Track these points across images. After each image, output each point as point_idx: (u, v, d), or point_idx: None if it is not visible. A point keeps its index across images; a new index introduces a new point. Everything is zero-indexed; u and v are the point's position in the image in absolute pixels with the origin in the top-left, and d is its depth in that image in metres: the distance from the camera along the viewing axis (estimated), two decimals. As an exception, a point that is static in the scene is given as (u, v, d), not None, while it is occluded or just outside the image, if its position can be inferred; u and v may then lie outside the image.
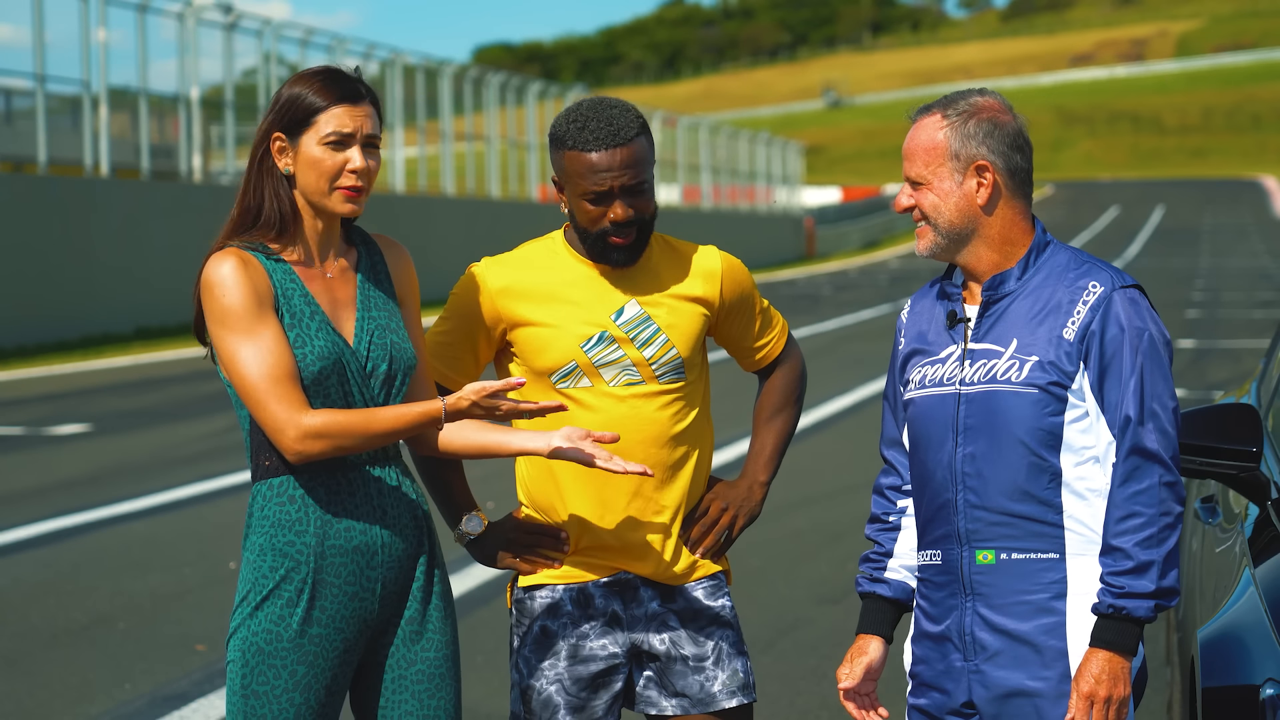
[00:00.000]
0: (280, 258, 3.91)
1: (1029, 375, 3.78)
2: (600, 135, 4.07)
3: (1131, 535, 3.72)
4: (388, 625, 3.97)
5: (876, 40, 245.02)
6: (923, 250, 3.90)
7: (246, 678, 3.87)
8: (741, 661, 4.24)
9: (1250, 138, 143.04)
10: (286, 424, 3.79)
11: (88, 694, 7.69)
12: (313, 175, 3.89)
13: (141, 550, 10.87)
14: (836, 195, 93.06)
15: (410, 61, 41.57)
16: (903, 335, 4.01)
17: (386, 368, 3.93)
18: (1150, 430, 3.74)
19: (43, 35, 29.19)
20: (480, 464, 4.13)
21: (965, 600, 3.85)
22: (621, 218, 4.09)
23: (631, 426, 4.15)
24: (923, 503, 3.92)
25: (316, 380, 3.85)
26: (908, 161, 3.88)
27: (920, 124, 3.88)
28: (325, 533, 3.88)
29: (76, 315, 28.08)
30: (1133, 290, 3.82)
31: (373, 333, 3.94)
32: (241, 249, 3.89)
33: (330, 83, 3.90)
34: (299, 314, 3.88)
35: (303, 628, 3.87)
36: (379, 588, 3.93)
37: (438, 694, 3.98)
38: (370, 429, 3.82)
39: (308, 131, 3.89)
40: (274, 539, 3.88)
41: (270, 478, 3.90)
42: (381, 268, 4.03)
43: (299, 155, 3.90)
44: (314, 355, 3.85)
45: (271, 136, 3.91)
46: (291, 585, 3.87)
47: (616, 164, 4.07)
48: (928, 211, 3.86)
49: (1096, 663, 3.73)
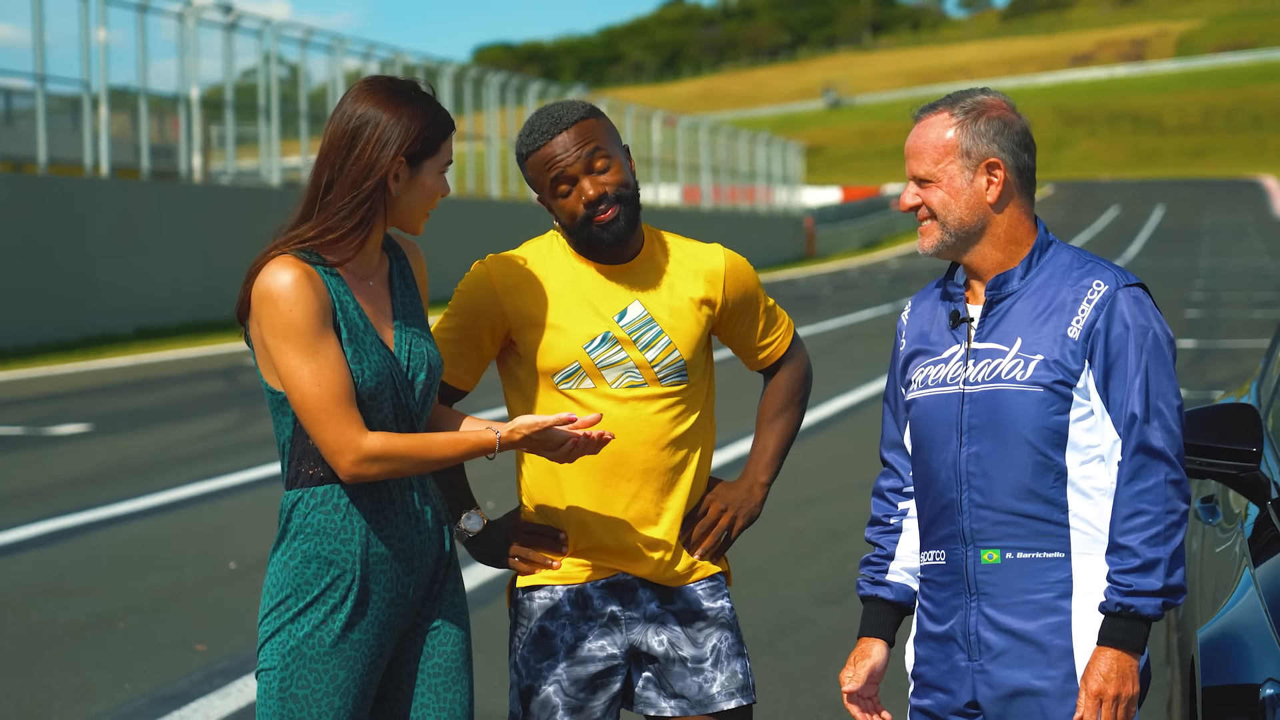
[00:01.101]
0: (335, 270, 3.89)
1: (1034, 374, 3.78)
2: (543, 127, 4.10)
3: (1138, 533, 3.72)
4: (415, 629, 3.99)
5: (876, 40, 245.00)
6: (927, 248, 3.88)
7: (285, 681, 3.87)
8: (740, 663, 4.23)
9: (1250, 138, 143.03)
10: (346, 447, 3.79)
11: (88, 694, 7.69)
12: (422, 200, 3.89)
13: (141, 550, 10.86)
14: (836, 195, 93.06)
15: (410, 61, 41.58)
16: (903, 336, 4.01)
17: (425, 376, 3.93)
18: (1156, 428, 3.75)
19: (43, 35, 29.19)
20: (480, 464, 4.10)
21: (970, 600, 3.85)
22: (592, 194, 4.08)
23: (632, 428, 4.15)
24: (926, 503, 3.92)
25: (373, 394, 3.85)
26: (914, 160, 3.86)
27: (927, 122, 3.87)
28: (370, 540, 3.89)
29: (76, 315, 28.07)
30: (1137, 289, 3.82)
31: (410, 341, 3.94)
32: (300, 258, 3.85)
33: (442, 111, 3.92)
34: (355, 328, 3.87)
35: (345, 633, 3.88)
36: (411, 592, 3.94)
37: (454, 687, 4.00)
38: (427, 455, 3.83)
39: (432, 159, 3.89)
40: (319, 546, 3.88)
41: (314, 486, 3.89)
42: (409, 273, 4.03)
43: (415, 180, 3.88)
44: (371, 371, 3.85)
45: (395, 160, 3.86)
46: (337, 592, 3.88)
47: (570, 145, 4.08)
48: (937, 209, 3.85)
49: (1105, 661, 3.73)
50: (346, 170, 3.86)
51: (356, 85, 3.94)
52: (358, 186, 3.86)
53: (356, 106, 3.89)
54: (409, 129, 3.86)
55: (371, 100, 3.88)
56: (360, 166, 3.86)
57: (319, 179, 3.88)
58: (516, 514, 4.29)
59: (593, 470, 4.16)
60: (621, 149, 4.16)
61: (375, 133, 3.86)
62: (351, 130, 3.87)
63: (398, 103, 3.88)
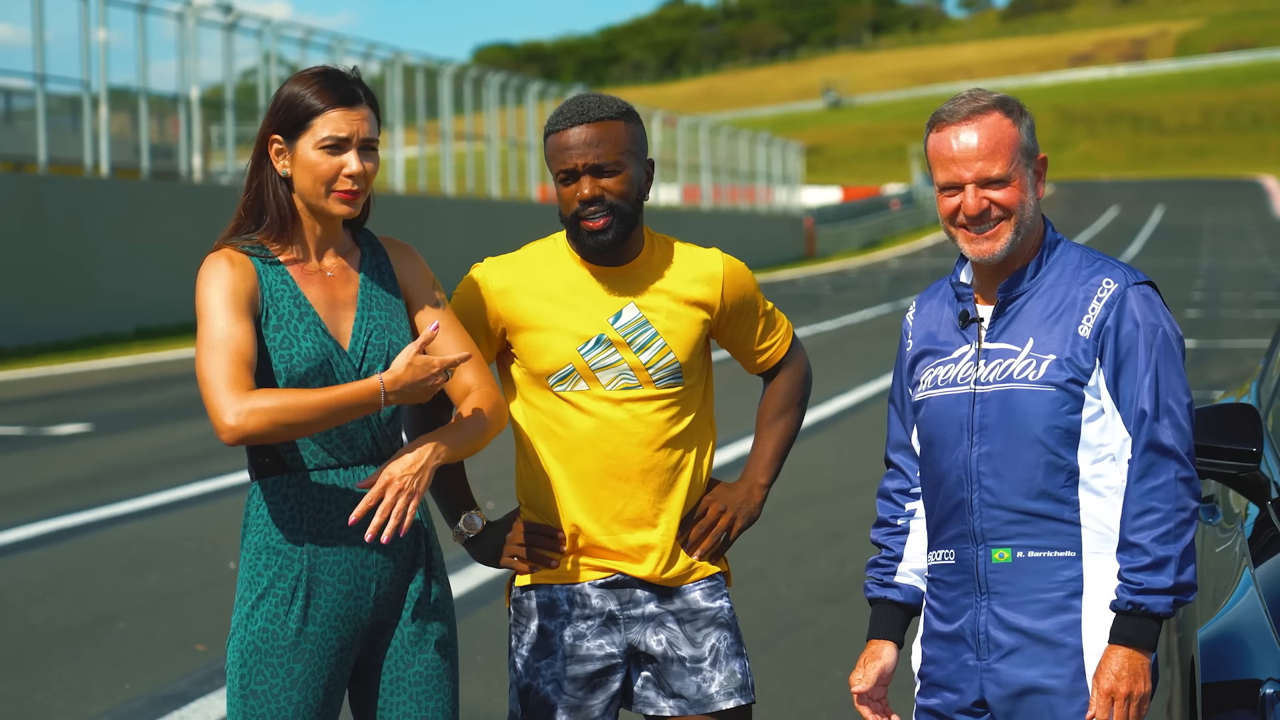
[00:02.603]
0: (277, 259, 3.91)
1: (1046, 374, 3.78)
2: (569, 114, 4.10)
3: (1149, 531, 3.72)
4: (385, 627, 3.96)
5: (876, 40, 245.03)
6: (998, 251, 3.81)
7: (245, 677, 3.88)
8: (739, 663, 4.23)
9: (1250, 138, 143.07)
10: (225, 405, 3.73)
11: (88, 694, 7.69)
12: (309, 179, 3.89)
13: (141, 550, 10.86)
14: (836, 195, 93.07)
15: (410, 61, 41.57)
16: (910, 337, 4.00)
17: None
18: (1166, 426, 3.75)
19: (43, 35, 29.19)
20: (480, 463, 4.11)
21: (980, 599, 3.84)
22: (587, 195, 4.07)
23: (627, 430, 4.15)
24: (935, 503, 3.91)
25: (302, 381, 3.85)
26: (986, 160, 3.80)
27: (983, 122, 3.82)
28: (319, 531, 3.88)
29: (76, 315, 28.08)
30: (1146, 287, 3.82)
31: (370, 333, 3.93)
32: (237, 249, 3.90)
33: (327, 85, 3.89)
34: (287, 316, 3.88)
35: (299, 626, 3.87)
36: (374, 587, 3.92)
37: (435, 696, 3.98)
38: (303, 401, 3.74)
39: (304, 135, 3.88)
40: (268, 537, 3.89)
41: (267, 476, 3.90)
42: (386, 268, 4.02)
43: (295, 158, 3.90)
44: (300, 357, 3.86)
45: (269, 139, 3.91)
46: (285, 584, 3.87)
47: (582, 141, 4.07)
48: (1015, 209, 3.82)
49: (1116, 659, 3.73)
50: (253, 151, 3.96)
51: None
52: (253, 167, 3.94)
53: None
54: (279, 109, 3.90)
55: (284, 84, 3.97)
56: (254, 146, 3.94)
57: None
58: (516, 514, 4.29)
59: (590, 471, 4.16)
60: (641, 161, 4.14)
61: (266, 112, 3.94)
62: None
63: (292, 82, 3.93)
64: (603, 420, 4.14)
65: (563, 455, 4.17)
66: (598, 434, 4.14)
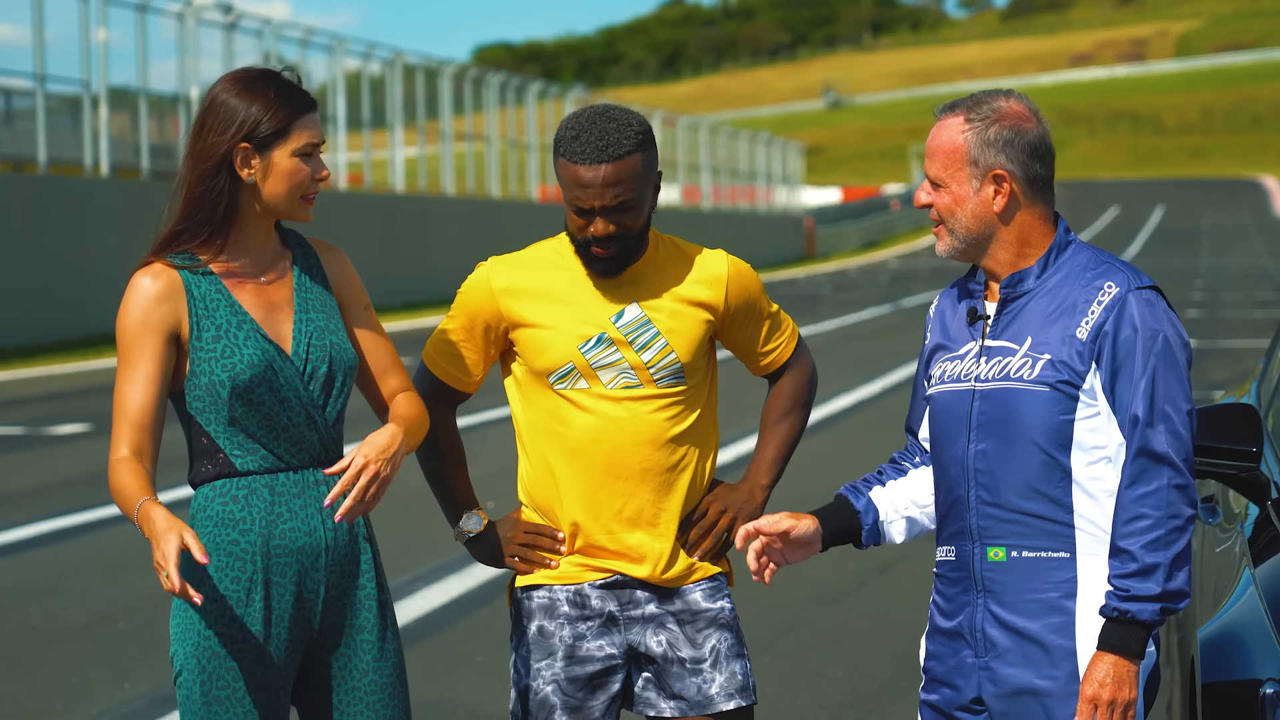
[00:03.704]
0: (209, 269, 3.91)
1: (1040, 373, 3.78)
2: (589, 150, 4.04)
3: (1138, 537, 3.71)
4: (331, 633, 3.96)
5: (876, 40, 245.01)
6: (941, 251, 3.89)
7: (206, 684, 3.85)
8: (740, 664, 4.23)
9: (1250, 138, 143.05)
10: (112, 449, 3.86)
11: (88, 694, 7.69)
12: (284, 186, 3.88)
13: (141, 550, 10.85)
14: (836, 195, 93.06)
15: (410, 61, 41.56)
16: (929, 330, 4.02)
17: (326, 369, 3.93)
18: (1161, 432, 3.73)
19: (43, 35, 29.19)
20: (481, 463, 4.11)
21: (977, 597, 3.85)
22: (600, 234, 4.07)
23: (628, 429, 4.15)
24: (939, 498, 3.93)
25: (247, 389, 3.86)
26: (929, 160, 3.87)
27: (943, 123, 3.86)
28: (270, 532, 3.88)
29: (76, 315, 28.07)
30: (1149, 291, 3.81)
31: (311, 335, 3.94)
32: (168, 262, 3.89)
33: (293, 92, 3.90)
34: (224, 325, 3.89)
35: (258, 629, 3.87)
36: (322, 590, 3.93)
37: (391, 703, 3.99)
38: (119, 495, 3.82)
39: (281, 143, 3.87)
40: (217, 538, 3.88)
41: (213, 480, 3.91)
42: (317, 270, 4.02)
43: (269, 166, 3.87)
44: (243, 364, 3.86)
45: (236, 147, 3.87)
46: (240, 585, 3.87)
47: (599, 181, 4.03)
48: (943, 214, 3.85)
49: (1102, 666, 3.72)
50: (194, 160, 3.88)
51: (221, 77, 3.95)
52: (201, 176, 3.88)
53: (209, 96, 3.91)
54: (248, 114, 3.85)
55: (220, 87, 3.91)
56: (202, 155, 3.87)
57: (179, 174, 3.93)
58: (516, 514, 4.29)
59: (590, 470, 4.16)
60: (653, 183, 4.12)
61: (216, 120, 3.88)
62: (199, 119, 3.91)
63: (240, 89, 3.88)
64: (603, 419, 4.14)
65: (563, 454, 4.17)
66: (598, 432, 4.14)
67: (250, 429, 3.89)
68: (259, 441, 3.89)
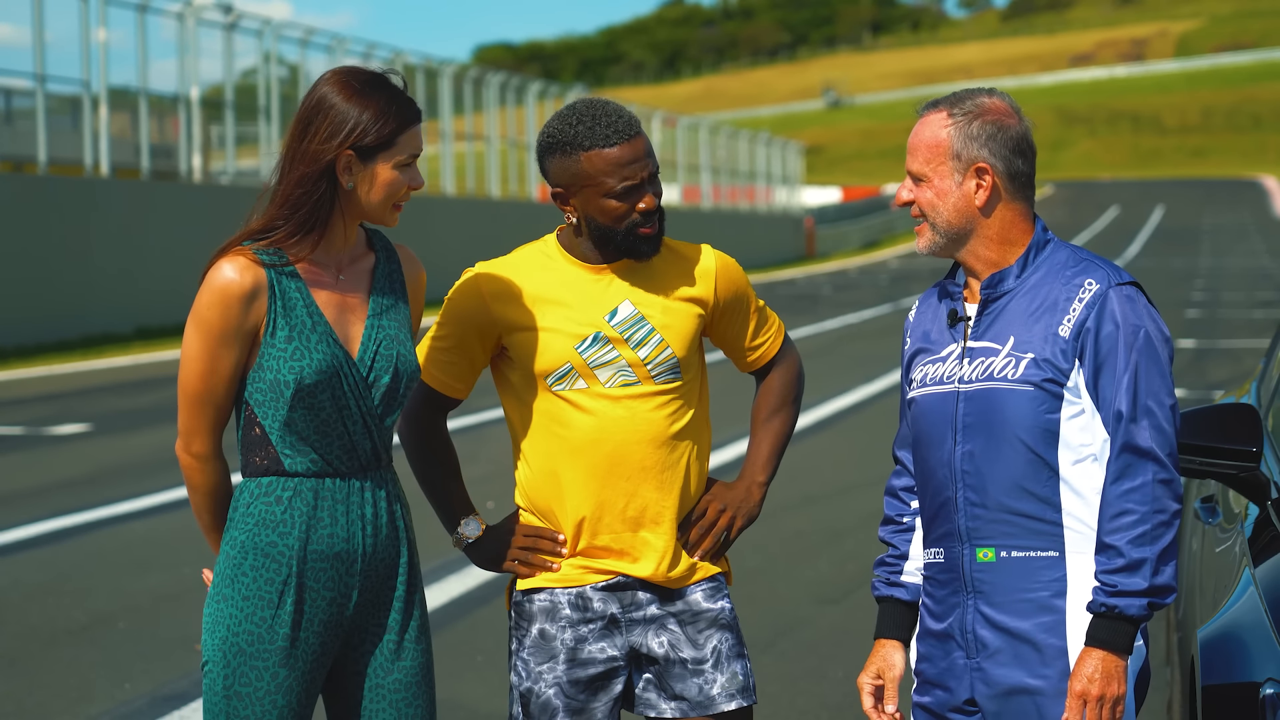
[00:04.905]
0: (292, 266, 3.87)
1: (1024, 372, 3.79)
2: (618, 129, 4.08)
3: (1124, 533, 3.71)
4: (362, 633, 3.96)
5: (876, 40, 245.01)
6: (922, 247, 3.91)
7: (229, 678, 3.87)
8: (741, 664, 4.23)
9: (1250, 138, 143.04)
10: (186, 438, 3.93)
11: (88, 694, 7.69)
12: (383, 194, 3.85)
13: (141, 550, 10.86)
14: (836, 195, 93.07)
15: (410, 61, 41.57)
16: (908, 335, 4.02)
17: (390, 379, 3.91)
18: (1144, 427, 3.74)
19: (43, 35, 29.19)
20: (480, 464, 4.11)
21: (967, 598, 3.85)
22: (652, 205, 4.10)
23: (628, 428, 4.15)
24: (925, 501, 3.93)
25: (310, 392, 3.84)
26: (910, 155, 3.88)
27: (926, 119, 3.88)
28: (309, 536, 3.88)
29: (76, 315, 28.08)
30: (1129, 288, 3.82)
31: (380, 343, 3.92)
32: (255, 257, 3.85)
33: (403, 102, 3.85)
34: (300, 325, 3.86)
35: (286, 631, 3.87)
36: (355, 594, 3.93)
37: (415, 703, 3.99)
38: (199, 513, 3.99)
39: (385, 155, 3.84)
40: (256, 538, 3.88)
41: (259, 475, 3.90)
42: (398, 277, 4.00)
43: (371, 174, 3.83)
44: (311, 369, 3.84)
45: (341, 152, 3.82)
46: (273, 587, 3.87)
47: (641, 153, 4.09)
48: (925, 208, 3.87)
49: (1090, 662, 3.72)
50: (295, 160, 3.84)
51: (326, 73, 3.89)
52: (305, 178, 3.83)
53: (315, 94, 3.85)
54: (358, 121, 3.81)
55: (330, 89, 3.84)
56: (308, 157, 3.83)
57: (279, 166, 3.87)
58: (515, 516, 4.28)
59: (591, 470, 4.16)
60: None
61: (324, 123, 3.83)
62: (304, 118, 3.85)
63: (351, 93, 3.83)
64: (603, 418, 4.14)
65: (563, 455, 4.17)
66: (598, 432, 4.14)
67: (304, 432, 3.87)
68: (310, 445, 3.88)
